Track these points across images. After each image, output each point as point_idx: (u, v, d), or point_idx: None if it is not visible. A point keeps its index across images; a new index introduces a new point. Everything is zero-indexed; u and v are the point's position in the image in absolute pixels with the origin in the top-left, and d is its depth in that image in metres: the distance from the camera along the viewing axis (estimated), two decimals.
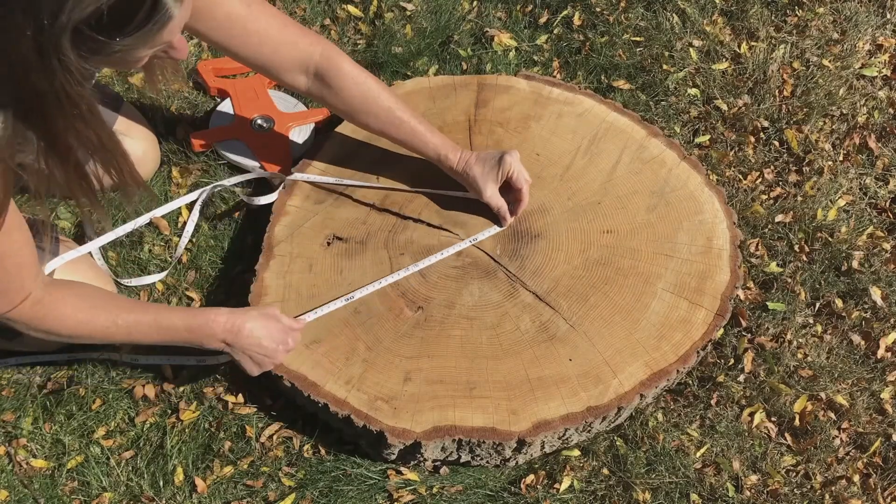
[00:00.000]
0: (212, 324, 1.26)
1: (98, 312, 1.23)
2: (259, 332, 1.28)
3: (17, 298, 1.15)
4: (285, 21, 1.38)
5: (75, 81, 0.93)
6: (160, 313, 1.26)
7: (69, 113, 0.98)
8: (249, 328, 1.27)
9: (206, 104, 1.86)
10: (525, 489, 1.35)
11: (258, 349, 1.28)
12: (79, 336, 1.24)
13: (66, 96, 0.95)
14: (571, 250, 1.47)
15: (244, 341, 1.27)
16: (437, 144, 1.48)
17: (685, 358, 1.35)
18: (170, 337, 1.27)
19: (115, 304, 1.26)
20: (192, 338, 1.27)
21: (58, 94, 0.94)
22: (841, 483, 1.36)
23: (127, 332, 1.24)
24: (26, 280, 1.15)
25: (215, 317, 1.26)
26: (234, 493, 1.35)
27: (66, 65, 0.91)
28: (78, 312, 1.21)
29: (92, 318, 1.22)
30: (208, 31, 1.31)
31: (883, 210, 1.71)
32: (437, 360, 1.35)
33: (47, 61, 0.90)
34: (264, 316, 1.29)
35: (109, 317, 1.23)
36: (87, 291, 1.26)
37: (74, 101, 0.96)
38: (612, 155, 1.61)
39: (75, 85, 0.94)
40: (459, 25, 2.00)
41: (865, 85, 1.88)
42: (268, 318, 1.30)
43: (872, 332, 1.52)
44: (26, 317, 1.17)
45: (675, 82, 1.87)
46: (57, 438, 1.39)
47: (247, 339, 1.28)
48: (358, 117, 1.48)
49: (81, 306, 1.22)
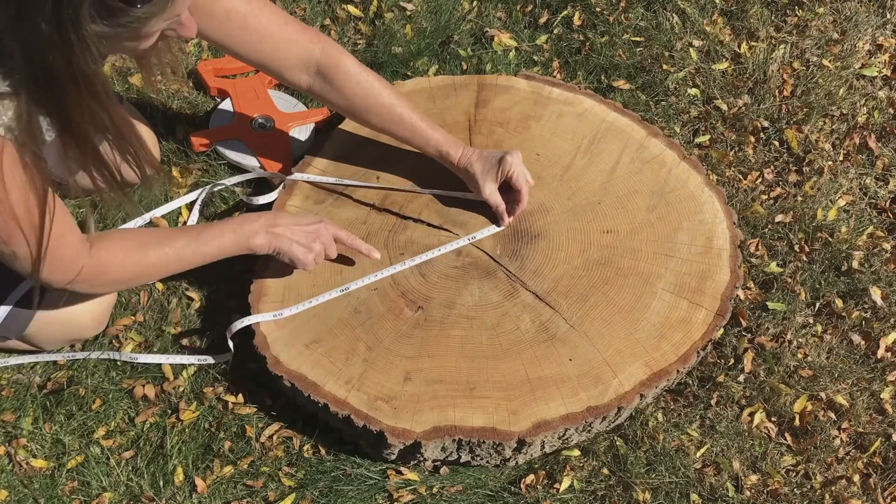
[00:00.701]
0: (251, 218, 1.34)
1: (147, 249, 1.27)
2: (294, 218, 1.37)
3: (76, 266, 1.18)
4: (286, 19, 1.38)
5: (91, 59, 0.94)
6: (202, 229, 1.32)
7: (84, 92, 0.98)
8: (285, 215, 1.37)
9: (206, 104, 1.86)
10: (525, 489, 1.35)
11: (301, 228, 1.35)
12: (139, 277, 1.29)
13: (83, 74, 0.95)
14: (571, 250, 1.47)
15: (282, 227, 1.34)
16: (438, 141, 1.48)
17: (685, 358, 1.35)
18: (217, 245, 1.31)
19: (157, 236, 1.30)
20: (237, 238, 1.32)
21: (74, 73, 0.95)
22: (841, 483, 1.36)
23: (178, 257, 1.29)
24: (78, 247, 1.18)
25: (251, 214, 1.35)
26: (234, 493, 1.35)
27: (84, 39, 0.91)
28: (129, 256, 1.25)
29: (144, 256, 1.26)
30: (208, 28, 1.31)
31: (883, 210, 1.71)
32: (437, 360, 1.35)
33: (66, 36, 0.90)
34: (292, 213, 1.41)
35: (159, 249, 1.27)
36: (126, 234, 1.30)
37: (90, 79, 0.97)
38: (612, 155, 1.61)
39: (91, 63, 0.95)
40: (459, 25, 2.00)
41: (865, 85, 1.88)
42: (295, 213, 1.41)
43: (872, 332, 1.52)
44: (88, 279, 1.21)
45: (675, 82, 1.87)
46: (57, 438, 1.39)
47: (284, 224, 1.34)
48: (360, 115, 1.48)
49: (130, 248, 1.26)
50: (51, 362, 1.47)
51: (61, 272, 1.17)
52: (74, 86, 0.97)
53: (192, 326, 1.53)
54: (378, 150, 1.62)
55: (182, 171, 1.71)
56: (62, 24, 0.89)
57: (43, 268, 1.12)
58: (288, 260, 1.37)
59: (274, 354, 1.36)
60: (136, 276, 1.29)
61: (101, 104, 1.02)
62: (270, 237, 1.34)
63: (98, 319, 1.43)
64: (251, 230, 1.33)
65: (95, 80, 0.98)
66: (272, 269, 1.46)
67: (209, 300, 1.56)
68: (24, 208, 1.05)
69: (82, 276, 1.19)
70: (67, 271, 1.18)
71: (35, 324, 1.35)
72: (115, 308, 1.52)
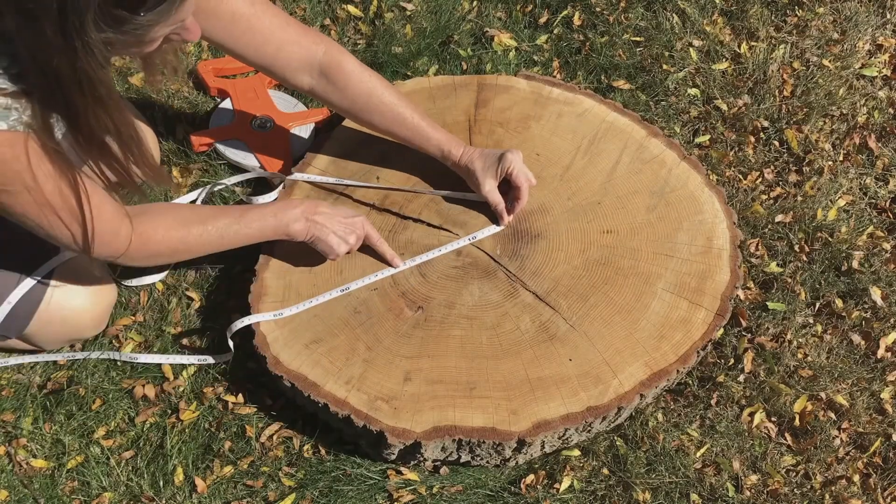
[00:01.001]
0: (292, 205, 1.37)
1: (189, 226, 1.30)
2: (333, 209, 1.40)
3: (122, 240, 1.22)
4: (289, 20, 1.38)
5: (96, 64, 0.96)
6: (243, 210, 1.36)
7: (89, 96, 1.00)
8: (324, 203, 1.40)
9: (206, 104, 1.86)
10: (525, 489, 1.35)
11: (340, 219, 1.39)
12: (180, 253, 1.32)
13: (87, 79, 0.97)
14: (571, 250, 1.47)
15: (322, 216, 1.38)
16: (440, 140, 1.48)
17: (685, 358, 1.35)
18: (257, 227, 1.35)
19: (199, 214, 1.33)
20: (277, 223, 1.36)
21: (78, 77, 0.97)
22: (841, 483, 1.36)
23: (219, 236, 1.33)
24: (117, 222, 1.21)
25: (292, 200, 1.41)
26: (234, 493, 1.35)
27: (89, 45, 0.93)
28: (171, 231, 1.28)
29: (185, 233, 1.30)
30: (213, 29, 1.31)
31: (883, 210, 1.71)
32: (437, 360, 1.35)
33: (70, 42, 0.92)
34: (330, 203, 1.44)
35: (201, 227, 1.31)
36: (169, 210, 1.33)
37: (94, 84, 0.99)
38: (612, 155, 1.61)
39: (96, 68, 0.96)
40: (459, 25, 2.00)
41: (865, 85, 1.88)
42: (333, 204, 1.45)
43: (872, 332, 1.52)
44: (135, 252, 1.25)
45: (675, 82, 1.87)
46: (57, 438, 1.39)
47: (325, 213, 1.38)
48: (362, 115, 1.48)
49: (172, 224, 1.29)
50: (51, 362, 1.47)
51: (110, 247, 1.22)
52: (79, 89, 0.98)
53: (192, 326, 1.53)
54: (378, 150, 1.62)
55: (182, 171, 1.71)
56: (67, 31, 0.91)
57: (93, 247, 1.17)
58: (321, 248, 1.40)
59: (274, 354, 1.36)
60: (175, 251, 1.32)
61: (105, 108, 1.03)
62: (309, 224, 1.37)
63: (98, 319, 1.43)
64: (292, 216, 1.36)
65: (99, 85, 0.99)
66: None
67: (209, 300, 1.56)
68: (58, 197, 1.10)
69: (131, 249, 1.24)
70: (116, 246, 1.23)
71: (35, 323, 1.35)
72: (115, 308, 1.52)
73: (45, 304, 1.35)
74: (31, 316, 1.35)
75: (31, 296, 1.33)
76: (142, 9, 0.94)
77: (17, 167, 1.04)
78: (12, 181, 1.06)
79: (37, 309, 1.34)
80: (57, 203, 1.10)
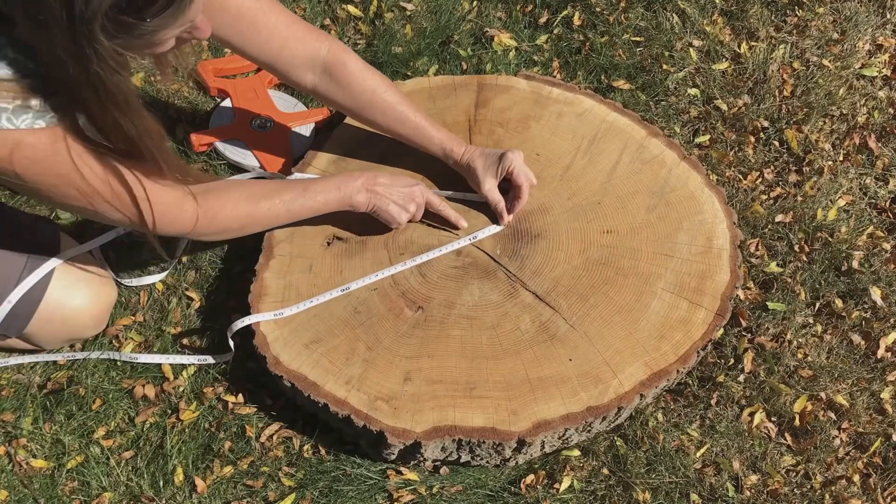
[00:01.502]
0: (353, 177, 1.42)
1: (257, 201, 1.34)
2: (392, 179, 1.44)
3: (191, 217, 1.26)
4: (293, 18, 1.39)
5: (110, 70, 0.97)
6: (308, 183, 1.40)
7: (106, 101, 1.01)
8: (383, 175, 1.44)
9: (206, 104, 1.86)
10: (525, 489, 1.35)
11: (399, 189, 1.42)
12: (248, 226, 1.36)
13: (101, 84, 0.98)
14: (571, 250, 1.47)
15: (382, 186, 1.42)
16: (442, 139, 1.49)
17: (685, 358, 1.35)
18: (323, 200, 1.40)
19: (267, 189, 1.37)
20: (341, 195, 1.40)
21: (93, 83, 0.98)
22: (841, 483, 1.36)
23: (287, 209, 1.38)
24: (187, 199, 1.25)
25: (352, 172, 1.44)
26: (234, 493, 1.35)
27: (100, 52, 0.94)
28: (239, 206, 1.32)
29: (254, 207, 1.34)
30: (218, 24, 1.31)
31: (883, 210, 1.71)
32: (437, 360, 1.35)
33: (81, 49, 0.93)
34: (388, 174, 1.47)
35: (269, 200, 1.35)
36: (232, 186, 1.35)
37: (109, 90, 1.00)
38: (612, 155, 1.61)
39: (110, 73, 0.97)
40: (459, 25, 2.00)
41: (865, 85, 1.88)
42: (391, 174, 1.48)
43: (872, 332, 1.52)
44: (204, 227, 1.29)
45: (675, 82, 1.87)
46: (57, 438, 1.39)
47: (384, 184, 1.42)
48: (364, 114, 1.49)
49: (240, 200, 1.32)
50: (51, 362, 1.47)
51: (176, 225, 1.25)
52: (95, 94, 1.00)
53: (192, 326, 1.53)
54: (378, 150, 1.62)
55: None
56: (77, 39, 0.92)
57: (156, 226, 1.21)
58: (383, 218, 1.44)
59: (274, 354, 1.36)
60: (244, 225, 1.36)
61: (122, 112, 1.05)
62: (370, 195, 1.42)
63: (98, 319, 1.43)
64: (354, 188, 1.41)
65: (115, 90, 1.01)
66: (272, 269, 1.46)
67: (209, 300, 1.56)
68: (105, 186, 1.13)
69: (199, 224, 1.27)
70: (182, 223, 1.26)
71: (35, 322, 1.36)
72: (115, 308, 1.52)
73: (45, 304, 1.35)
74: (31, 315, 1.35)
75: (31, 295, 1.33)
76: (148, 14, 0.94)
77: (59, 161, 1.07)
78: (56, 174, 1.08)
79: (37, 308, 1.34)
80: (105, 192, 1.13)
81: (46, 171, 1.07)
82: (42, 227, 1.40)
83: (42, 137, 1.04)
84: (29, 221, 1.40)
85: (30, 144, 1.04)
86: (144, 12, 0.93)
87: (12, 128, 1.01)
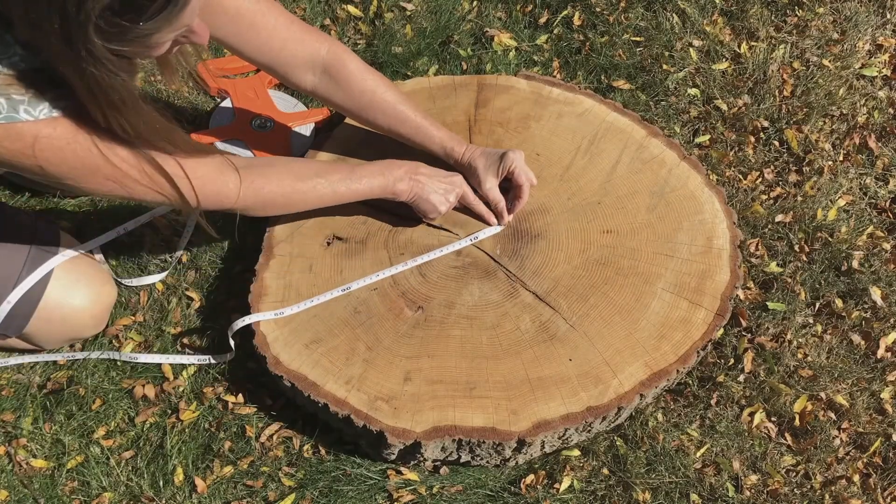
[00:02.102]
0: (396, 164, 1.42)
1: (303, 179, 1.35)
2: (433, 169, 1.44)
3: (234, 191, 1.26)
4: (293, 19, 1.39)
5: (106, 71, 0.97)
6: (353, 167, 1.41)
7: (103, 102, 1.01)
8: (424, 165, 1.44)
9: (206, 104, 1.86)
10: (525, 489, 1.35)
11: (440, 178, 1.43)
12: (293, 202, 1.36)
13: (97, 86, 0.98)
14: (571, 250, 1.47)
15: (424, 175, 1.43)
16: (443, 138, 1.49)
17: (685, 358, 1.35)
18: (367, 184, 1.40)
19: (312, 168, 1.38)
20: (385, 181, 1.40)
21: (89, 84, 0.98)
22: (841, 483, 1.36)
23: (332, 190, 1.38)
24: (228, 173, 1.25)
25: (394, 160, 1.44)
26: (234, 493, 1.35)
27: (94, 54, 0.94)
28: (284, 181, 1.33)
29: (301, 184, 1.35)
30: (217, 26, 1.31)
31: (883, 210, 1.71)
32: (437, 360, 1.35)
33: (76, 51, 0.93)
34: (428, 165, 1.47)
35: (314, 179, 1.36)
36: (278, 162, 1.36)
37: (105, 90, 1.00)
38: (612, 155, 1.61)
39: (106, 75, 0.97)
40: (459, 25, 2.00)
41: (865, 85, 1.88)
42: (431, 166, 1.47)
43: (872, 332, 1.52)
44: (249, 200, 1.29)
45: (675, 82, 1.87)
46: (57, 438, 1.39)
47: (426, 173, 1.43)
48: (364, 114, 1.49)
49: (286, 175, 1.33)
50: (51, 362, 1.47)
51: (218, 199, 1.25)
52: (91, 95, 1.00)
53: (192, 326, 1.53)
54: (378, 150, 1.61)
55: None
56: (71, 41, 0.92)
57: (199, 202, 1.21)
58: (423, 208, 1.45)
59: (274, 354, 1.36)
60: (290, 201, 1.36)
61: (120, 112, 1.04)
62: (413, 183, 1.42)
63: (97, 318, 1.43)
64: (398, 175, 1.41)
65: (111, 91, 1.00)
66: (272, 269, 1.46)
67: (209, 300, 1.56)
68: (135, 169, 1.12)
69: (243, 197, 1.27)
70: (225, 196, 1.25)
71: (34, 322, 1.36)
72: (115, 308, 1.52)
73: (44, 304, 1.35)
74: (30, 315, 1.35)
75: (30, 295, 1.33)
76: (142, 18, 0.94)
77: (83, 148, 1.07)
78: (82, 163, 1.08)
79: (36, 308, 1.34)
80: (138, 175, 1.13)
81: (72, 159, 1.07)
82: (42, 227, 1.40)
83: (62, 126, 1.04)
84: (29, 221, 1.40)
85: (50, 134, 1.04)
86: (138, 15, 0.93)
87: (31, 119, 1.01)
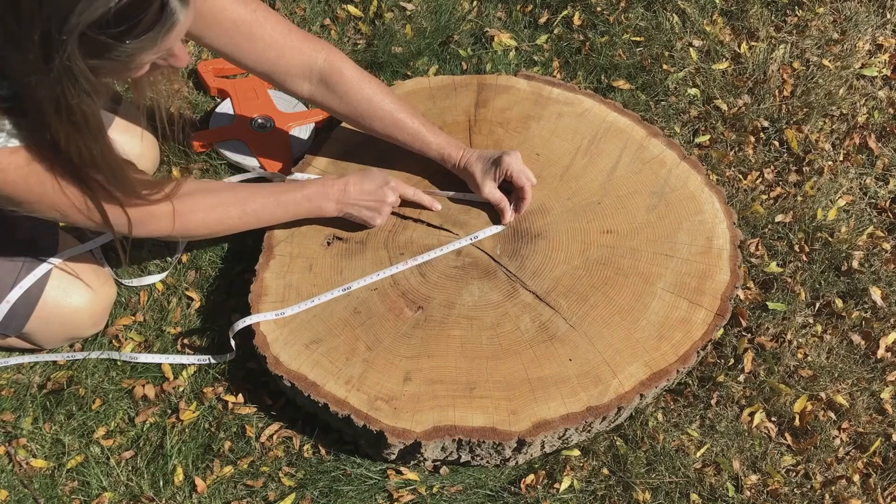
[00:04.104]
0: (326, 188, 1.44)
1: (227, 208, 1.36)
2: (362, 185, 1.44)
3: (168, 221, 1.29)
4: (290, 27, 1.38)
5: (79, 90, 0.96)
6: (280, 193, 1.42)
7: (66, 123, 1.00)
8: (354, 181, 1.45)
9: (206, 104, 1.86)
10: (525, 489, 1.35)
11: (366, 197, 1.44)
12: (217, 232, 1.39)
13: (66, 106, 0.98)
14: (571, 250, 1.47)
15: (353, 194, 1.44)
16: (439, 144, 1.49)
17: (685, 358, 1.35)
18: (292, 210, 1.44)
19: (237, 196, 1.38)
20: (311, 206, 1.44)
21: (58, 104, 0.97)
22: (841, 483, 1.36)
23: (256, 217, 1.41)
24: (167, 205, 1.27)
25: (325, 180, 1.46)
26: (234, 493, 1.35)
27: (71, 71, 0.93)
28: (210, 213, 1.35)
29: (223, 214, 1.36)
30: (215, 37, 1.31)
31: (883, 210, 1.71)
32: (437, 360, 1.35)
33: (51, 66, 0.92)
34: (360, 171, 1.50)
35: (237, 209, 1.37)
36: (210, 188, 1.38)
37: (74, 112, 0.99)
38: (612, 155, 1.61)
39: (78, 94, 0.96)
40: (459, 25, 2.00)
41: (865, 85, 1.88)
42: (363, 171, 1.50)
43: (872, 332, 1.52)
44: (179, 230, 1.31)
45: (675, 82, 1.87)
46: (57, 438, 1.39)
47: (355, 194, 1.44)
48: (362, 122, 1.49)
49: (212, 205, 1.35)
50: (51, 362, 1.47)
51: (150, 228, 1.28)
52: (58, 115, 0.99)
53: (192, 326, 1.53)
54: (378, 151, 1.61)
55: (182, 171, 1.71)
56: (49, 56, 0.91)
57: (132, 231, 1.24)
58: (358, 222, 1.48)
59: (274, 354, 1.36)
60: (213, 232, 1.39)
61: (81, 135, 1.04)
62: (341, 206, 1.45)
63: (97, 318, 1.43)
64: (325, 198, 1.44)
65: (77, 113, 1.00)
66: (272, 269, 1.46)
67: (209, 300, 1.56)
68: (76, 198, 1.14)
69: (176, 226, 1.30)
70: (158, 227, 1.29)
71: (33, 322, 1.36)
72: (115, 308, 1.52)
73: (43, 303, 1.35)
74: (29, 315, 1.35)
75: (29, 295, 1.33)
76: (128, 37, 0.94)
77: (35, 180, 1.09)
78: (32, 192, 1.10)
79: (35, 308, 1.34)
80: (80, 205, 1.15)
81: (22, 188, 1.09)
82: (41, 227, 1.40)
83: (17, 157, 1.06)
84: (28, 221, 1.40)
85: (6, 164, 1.05)
86: (124, 35, 0.93)
87: None
